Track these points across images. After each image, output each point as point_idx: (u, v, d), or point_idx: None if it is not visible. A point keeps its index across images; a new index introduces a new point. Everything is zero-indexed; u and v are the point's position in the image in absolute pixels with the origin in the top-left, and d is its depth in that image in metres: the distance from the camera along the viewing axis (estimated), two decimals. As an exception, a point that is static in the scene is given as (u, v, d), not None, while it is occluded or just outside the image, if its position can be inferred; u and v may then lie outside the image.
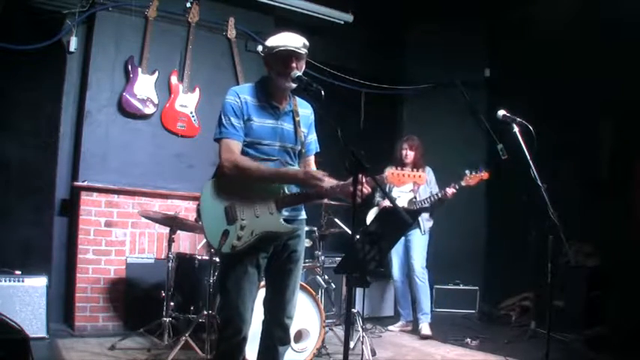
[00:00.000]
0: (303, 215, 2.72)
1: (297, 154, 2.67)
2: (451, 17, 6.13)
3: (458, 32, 6.33)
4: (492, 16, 6.13)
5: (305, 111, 2.71)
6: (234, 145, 2.51)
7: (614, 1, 4.83)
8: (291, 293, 2.65)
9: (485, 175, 4.69)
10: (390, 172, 2.74)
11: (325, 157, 2.85)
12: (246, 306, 2.52)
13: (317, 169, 2.75)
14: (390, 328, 5.23)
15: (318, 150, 2.81)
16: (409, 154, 5.03)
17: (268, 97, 2.60)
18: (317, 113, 2.75)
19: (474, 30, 6.46)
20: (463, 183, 4.70)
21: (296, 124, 2.64)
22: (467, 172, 4.70)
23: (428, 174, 5.03)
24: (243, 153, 2.55)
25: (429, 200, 4.89)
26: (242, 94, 2.58)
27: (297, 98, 2.69)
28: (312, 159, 2.80)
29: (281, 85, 2.56)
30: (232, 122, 2.52)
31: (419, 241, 5.05)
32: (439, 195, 4.82)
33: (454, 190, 4.73)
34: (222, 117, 2.54)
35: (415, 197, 4.97)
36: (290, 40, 2.53)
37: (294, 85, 2.53)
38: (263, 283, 2.70)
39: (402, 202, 4.96)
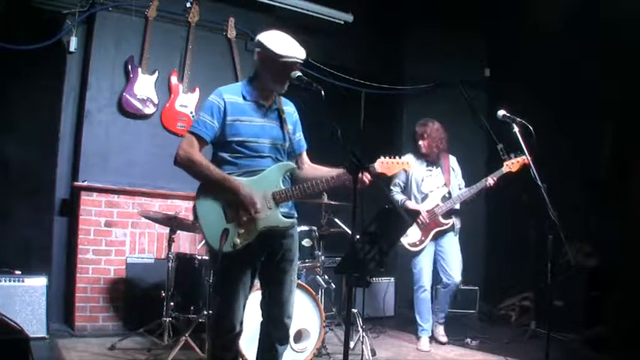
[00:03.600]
0: (296, 214, 2.74)
1: (286, 151, 2.70)
2: (451, 17, 6.12)
3: (457, 32, 6.32)
4: (492, 15, 6.13)
5: (289, 109, 2.75)
6: (197, 141, 2.58)
7: (614, 1, 4.83)
8: (288, 293, 2.65)
9: (525, 160, 3.74)
10: (379, 161, 2.69)
11: (326, 157, 2.85)
12: (239, 304, 2.55)
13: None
14: (421, 348, 4.56)
15: (306, 147, 2.85)
16: (420, 145, 4.61)
17: (256, 96, 2.62)
18: (317, 113, 2.75)
19: (473, 30, 6.45)
20: (504, 170, 4.22)
21: (282, 122, 2.67)
22: (512, 155, 4.14)
23: (452, 163, 4.69)
24: (236, 152, 2.57)
25: (466, 195, 4.43)
26: (227, 94, 2.60)
27: (280, 97, 2.72)
28: (304, 155, 2.84)
29: (275, 88, 2.60)
30: (205, 120, 2.57)
31: (455, 247, 4.65)
32: (481, 186, 4.31)
33: (495, 180, 4.27)
34: (199, 113, 2.61)
35: (449, 193, 4.56)
36: (297, 52, 2.55)
37: (285, 90, 2.58)
38: (258, 285, 2.71)
39: (436, 199, 4.55)
